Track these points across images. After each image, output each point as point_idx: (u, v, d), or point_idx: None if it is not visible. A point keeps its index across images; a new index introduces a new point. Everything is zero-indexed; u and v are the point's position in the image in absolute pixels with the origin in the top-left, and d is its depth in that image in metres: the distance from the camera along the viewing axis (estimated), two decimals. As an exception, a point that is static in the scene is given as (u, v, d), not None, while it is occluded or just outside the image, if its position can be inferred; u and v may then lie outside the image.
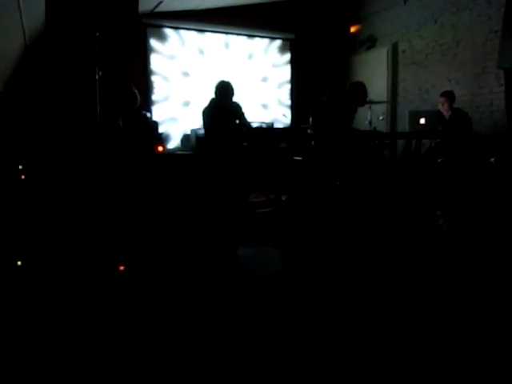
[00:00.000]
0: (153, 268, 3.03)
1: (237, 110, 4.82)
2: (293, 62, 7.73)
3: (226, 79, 4.74)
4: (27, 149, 4.15)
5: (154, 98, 6.66)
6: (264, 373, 1.74)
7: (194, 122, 6.07)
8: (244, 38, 7.27)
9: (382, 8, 7.05)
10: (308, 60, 7.69)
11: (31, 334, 2.05)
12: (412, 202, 4.29)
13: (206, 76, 6.78)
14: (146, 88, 6.43)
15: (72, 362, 1.81)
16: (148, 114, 4.81)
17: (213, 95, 4.72)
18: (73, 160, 4.01)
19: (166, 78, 6.74)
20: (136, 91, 4.30)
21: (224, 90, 4.65)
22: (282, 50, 7.64)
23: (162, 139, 4.91)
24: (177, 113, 6.82)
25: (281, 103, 7.71)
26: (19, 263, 2.94)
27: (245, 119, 4.86)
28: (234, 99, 4.83)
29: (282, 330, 2.09)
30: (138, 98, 4.33)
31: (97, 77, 3.59)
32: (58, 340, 1.98)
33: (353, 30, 7.70)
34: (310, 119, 5.03)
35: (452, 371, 1.73)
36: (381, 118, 6.24)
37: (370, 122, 5.67)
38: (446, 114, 5.09)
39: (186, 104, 6.87)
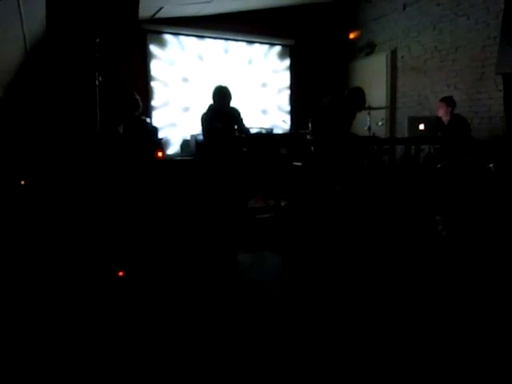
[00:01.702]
0: (152, 273, 3.03)
1: (235, 115, 4.82)
2: (292, 68, 7.76)
3: (223, 84, 4.76)
4: (27, 154, 4.16)
5: (153, 103, 6.69)
6: (262, 377, 1.73)
7: (194, 127, 6.09)
8: (243, 43, 7.30)
9: (381, 14, 7.09)
10: (307, 66, 7.72)
11: (32, 339, 2.05)
12: (411, 207, 4.29)
13: (206, 82, 6.80)
14: (145, 94, 6.45)
15: (72, 365, 1.81)
16: (148, 120, 4.82)
17: (211, 101, 4.74)
18: (72, 165, 4.01)
19: (165, 84, 6.76)
20: (138, 97, 4.34)
21: (221, 95, 4.66)
22: (282, 55, 7.67)
23: (161, 145, 4.92)
24: (176, 118, 6.84)
25: (280, 109, 7.73)
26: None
27: (243, 125, 4.86)
28: (234, 105, 4.84)
29: (280, 335, 2.09)
30: (140, 105, 4.37)
31: (97, 82, 3.60)
32: (58, 344, 1.98)
33: (352, 36, 7.74)
34: (310, 125, 5.05)
35: (449, 372, 1.72)
36: (380, 123, 6.26)
37: (369, 128, 5.69)
38: (445, 119, 5.11)
39: (186, 109, 6.89)
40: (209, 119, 4.64)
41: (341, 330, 2.14)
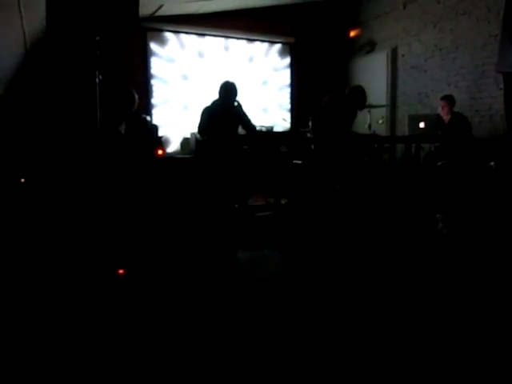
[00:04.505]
0: (152, 271, 3.03)
1: (237, 117, 4.74)
2: (293, 66, 7.76)
3: (231, 80, 4.74)
4: (27, 152, 4.15)
5: (153, 101, 6.68)
6: (263, 375, 1.73)
7: (194, 125, 6.05)
8: (244, 41, 7.29)
9: (381, 12, 7.08)
10: (308, 64, 7.71)
11: (31, 338, 2.05)
12: (412, 205, 4.29)
13: (206, 80, 6.79)
14: (145, 91, 6.45)
15: (72, 365, 1.81)
16: (148, 118, 4.80)
17: (212, 98, 4.72)
18: (72, 163, 4.01)
19: (165, 82, 6.75)
20: (134, 91, 4.27)
21: (226, 91, 4.62)
22: (282, 53, 7.66)
23: (161, 143, 4.91)
24: (176, 116, 6.83)
25: (281, 107, 7.73)
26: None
27: (248, 120, 4.76)
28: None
29: (281, 333, 2.09)
30: (136, 97, 4.29)
31: (97, 80, 3.59)
32: (57, 343, 1.98)
33: (352, 34, 7.73)
34: (310, 123, 5.04)
35: (449, 372, 1.72)
36: (380, 121, 6.24)
37: (370, 126, 5.69)
38: (446, 117, 5.10)
39: (186, 107, 6.88)
40: (207, 117, 4.63)
41: (340, 328, 2.15)
